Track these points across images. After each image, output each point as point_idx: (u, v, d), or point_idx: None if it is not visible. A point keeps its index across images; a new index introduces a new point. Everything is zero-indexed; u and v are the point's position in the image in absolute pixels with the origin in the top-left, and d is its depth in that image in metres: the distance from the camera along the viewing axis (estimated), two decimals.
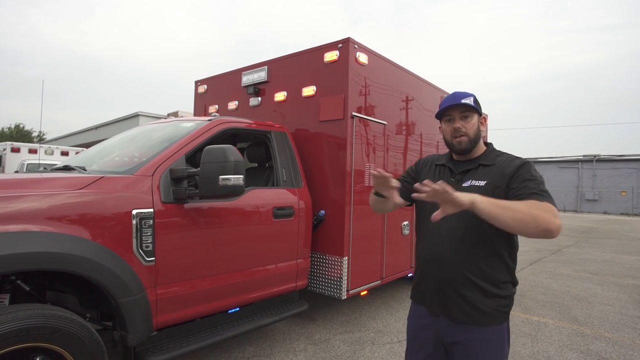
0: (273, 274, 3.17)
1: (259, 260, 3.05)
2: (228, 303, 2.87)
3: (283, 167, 3.41)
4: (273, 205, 3.16)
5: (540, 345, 3.62)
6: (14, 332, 1.78)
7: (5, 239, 1.83)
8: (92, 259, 2.05)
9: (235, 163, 2.41)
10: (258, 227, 3.06)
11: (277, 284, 3.24)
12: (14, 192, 2.02)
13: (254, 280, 3.01)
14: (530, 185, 1.51)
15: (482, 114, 1.76)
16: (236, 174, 2.41)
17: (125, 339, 2.26)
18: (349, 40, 3.58)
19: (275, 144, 3.43)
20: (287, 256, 3.30)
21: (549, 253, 9.23)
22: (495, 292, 1.57)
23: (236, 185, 2.41)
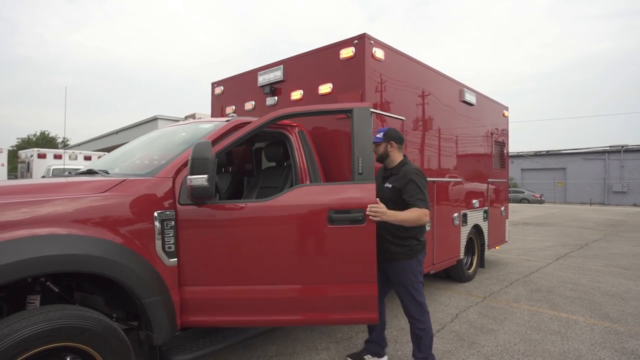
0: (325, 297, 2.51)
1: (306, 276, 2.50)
2: (263, 320, 2.52)
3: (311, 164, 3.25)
4: (328, 207, 2.49)
5: (571, 343, 3.50)
6: (45, 332, 1.83)
7: (35, 242, 1.88)
8: (117, 260, 2.08)
9: (202, 162, 2.17)
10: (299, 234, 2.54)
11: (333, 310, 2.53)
12: (41, 196, 2.07)
13: (302, 299, 2.50)
14: (413, 196, 2.73)
15: (391, 141, 2.96)
16: (202, 174, 2.16)
17: (150, 338, 2.29)
18: (365, 35, 3.53)
19: (294, 142, 3.40)
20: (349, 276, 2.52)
21: (576, 247, 8.95)
22: (401, 243, 2.83)
23: (197, 187, 2.17)
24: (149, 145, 3.38)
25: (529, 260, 7.41)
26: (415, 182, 2.75)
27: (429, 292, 5.07)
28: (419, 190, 2.73)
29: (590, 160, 33.10)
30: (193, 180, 2.18)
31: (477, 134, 5.88)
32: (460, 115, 5.33)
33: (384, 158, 2.99)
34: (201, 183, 2.17)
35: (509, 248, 8.56)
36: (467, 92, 5.44)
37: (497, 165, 6.56)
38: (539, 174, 36.22)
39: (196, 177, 2.17)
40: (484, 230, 5.99)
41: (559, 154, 35.94)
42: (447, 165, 5.00)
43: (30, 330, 1.79)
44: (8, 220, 1.87)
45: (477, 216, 5.78)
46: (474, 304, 4.60)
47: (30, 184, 2.33)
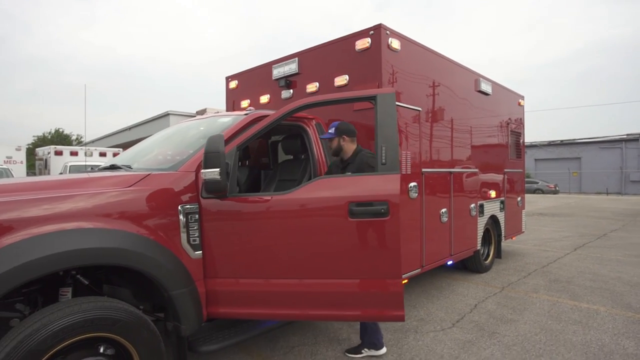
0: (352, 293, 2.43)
1: (327, 271, 2.44)
2: (288, 314, 2.50)
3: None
4: (349, 199, 2.38)
5: (593, 333, 3.47)
6: (80, 323, 1.88)
7: (66, 237, 1.93)
8: (145, 253, 2.13)
9: (207, 155, 2.17)
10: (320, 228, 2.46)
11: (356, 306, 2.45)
12: (70, 191, 2.11)
13: (325, 294, 2.44)
14: None
15: (343, 135, 3.08)
16: (214, 167, 2.16)
17: (178, 329, 2.34)
18: (381, 26, 3.51)
19: (312, 135, 3.41)
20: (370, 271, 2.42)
21: (594, 238, 8.83)
22: None
23: (208, 181, 2.19)
24: (168, 140, 3.42)
25: (546, 250, 7.33)
26: (372, 165, 2.83)
27: (447, 282, 5.07)
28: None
29: (607, 149, 32.45)
30: (206, 174, 2.18)
31: (493, 124, 5.81)
32: (476, 105, 5.27)
33: (339, 152, 3.11)
34: (213, 177, 2.17)
35: (525, 239, 8.48)
36: (483, 81, 5.38)
37: (513, 155, 6.49)
38: (553, 164, 35.66)
39: (209, 170, 2.16)
40: (500, 221, 5.95)
41: (573, 143, 35.29)
42: (463, 156, 4.96)
43: (67, 321, 1.85)
44: (41, 215, 1.93)
45: (494, 207, 5.74)
46: (492, 295, 4.58)
47: (58, 179, 2.39)
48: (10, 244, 1.79)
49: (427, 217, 4.12)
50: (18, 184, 2.18)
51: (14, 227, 1.84)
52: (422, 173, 4.06)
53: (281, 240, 2.46)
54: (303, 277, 2.45)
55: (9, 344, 1.73)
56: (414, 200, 3.91)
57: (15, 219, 1.86)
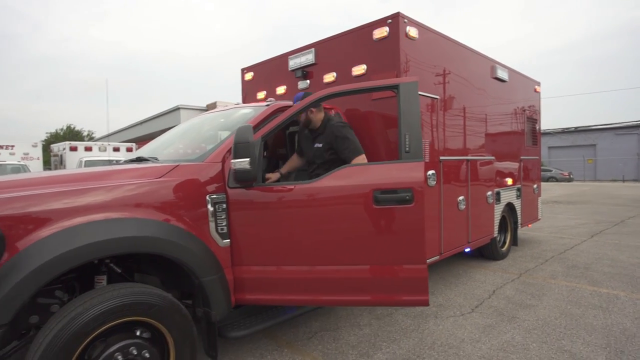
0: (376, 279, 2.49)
1: (352, 257, 2.50)
2: (314, 300, 2.60)
3: None
4: (374, 187, 2.44)
5: (614, 317, 3.49)
6: (118, 307, 1.97)
7: (102, 226, 2.01)
8: (178, 242, 2.21)
9: (237, 145, 2.24)
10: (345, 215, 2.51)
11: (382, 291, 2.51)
12: (105, 183, 2.19)
13: (349, 280, 2.50)
14: (346, 148, 2.93)
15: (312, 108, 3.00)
16: (244, 157, 2.23)
17: (208, 315, 2.42)
18: (399, 15, 3.51)
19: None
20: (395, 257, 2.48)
21: (611, 225, 8.74)
22: None
23: (238, 170, 2.26)
24: (191, 132, 3.49)
25: (562, 238, 7.30)
26: (344, 136, 2.95)
27: (463, 270, 5.10)
28: (348, 141, 2.94)
29: (623, 136, 31.84)
30: (236, 164, 2.24)
31: (509, 111, 5.77)
32: (492, 92, 5.24)
33: (308, 124, 3.15)
34: (244, 166, 2.24)
35: (541, 226, 8.43)
36: (499, 68, 5.33)
37: (529, 142, 6.44)
38: (567, 152, 35.12)
39: (239, 160, 2.23)
40: (517, 208, 5.94)
41: (588, 130, 34.68)
42: (479, 144, 4.95)
43: (106, 306, 1.93)
44: (81, 205, 2.01)
45: (510, 194, 5.72)
46: (509, 281, 4.60)
47: (91, 172, 2.47)
48: (54, 232, 1.87)
49: (445, 204, 4.14)
50: (55, 177, 2.26)
51: (56, 217, 1.93)
52: (440, 161, 4.07)
53: (306, 228, 2.52)
54: (328, 264, 2.52)
55: (56, 326, 1.82)
56: (432, 188, 3.93)
57: (57, 210, 1.95)
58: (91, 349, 1.94)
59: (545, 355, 2.83)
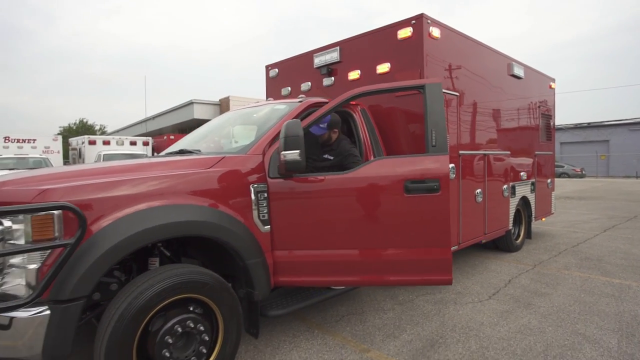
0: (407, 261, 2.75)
1: (384, 241, 2.75)
2: (352, 280, 2.83)
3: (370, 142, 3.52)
4: (404, 177, 2.70)
5: (626, 305, 3.66)
6: (177, 285, 2.20)
7: (164, 211, 2.25)
8: (228, 227, 2.44)
9: (287, 139, 2.45)
10: (378, 203, 2.79)
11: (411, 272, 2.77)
12: (162, 172, 2.42)
13: (380, 262, 2.77)
14: (353, 160, 3.18)
15: (334, 129, 3.40)
16: (290, 150, 2.44)
17: (251, 295, 2.65)
18: (423, 16, 3.68)
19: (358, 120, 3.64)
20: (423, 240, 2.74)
21: (624, 220, 8.83)
22: None
23: (289, 161, 2.45)
24: (226, 126, 3.72)
25: (575, 232, 7.43)
26: (352, 153, 3.29)
27: (479, 260, 5.29)
28: (354, 157, 3.26)
29: (637, 131, 31.47)
30: (287, 155, 2.45)
31: (525, 107, 5.91)
32: (509, 89, 5.38)
33: (328, 141, 3.46)
34: (294, 157, 2.44)
35: (554, 221, 8.56)
36: (516, 65, 5.47)
37: (543, 138, 6.57)
38: (579, 147, 34.81)
39: (290, 152, 2.44)
40: (531, 202, 6.09)
41: (601, 125, 34.31)
42: (496, 139, 5.11)
43: (167, 283, 2.17)
44: (143, 192, 2.24)
45: (525, 188, 5.88)
46: (524, 271, 4.78)
47: (144, 162, 2.70)
48: (125, 215, 2.11)
49: (463, 197, 4.33)
50: (117, 167, 2.49)
51: (125, 202, 2.16)
52: (459, 155, 4.25)
53: (342, 215, 2.76)
54: (362, 248, 2.76)
55: (125, 300, 2.06)
56: (451, 182, 4.12)
57: (126, 196, 2.18)
58: (153, 322, 2.18)
59: (560, 337, 3.02)
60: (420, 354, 2.83)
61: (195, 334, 2.29)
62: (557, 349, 2.85)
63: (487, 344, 2.95)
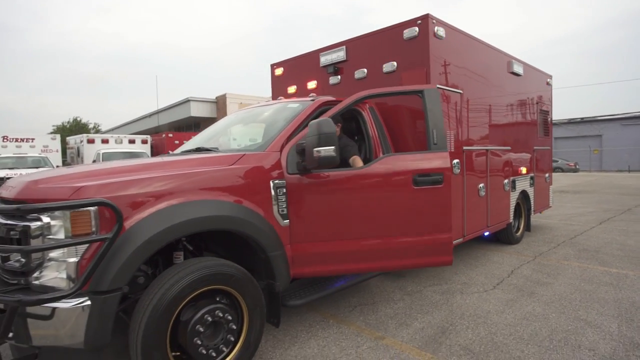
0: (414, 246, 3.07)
1: (395, 229, 3.03)
2: (363, 267, 3.07)
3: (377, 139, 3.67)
4: (413, 172, 3.01)
5: (624, 292, 3.83)
6: (206, 277, 2.32)
7: (193, 206, 2.36)
8: (252, 221, 2.56)
9: (322, 135, 2.58)
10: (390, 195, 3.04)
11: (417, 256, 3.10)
12: (188, 169, 2.53)
13: (390, 249, 3.04)
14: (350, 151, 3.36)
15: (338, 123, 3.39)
16: (325, 146, 2.58)
17: (272, 286, 2.77)
18: (428, 16, 3.81)
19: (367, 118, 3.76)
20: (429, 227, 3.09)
21: (618, 212, 9.05)
22: None
23: (325, 157, 2.58)
24: (239, 124, 3.83)
25: (572, 224, 7.62)
26: (350, 144, 3.51)
27: (482, 253, 5.45)
28: (352, 147, 3.47)
29: (629, 126, 31.91)
30: (322, 151, 2.58)
31: (524, 103, 6.06)
32: (509, 86, 5.53)
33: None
34: (329, 154, 2.58)
35: (551, 214, 8.75)
36: (515, 63, 5.61)
37: (541, 133, 6.74)
38: (572, 142, 35.21)
39: (326, 148, 2.57)
40: (530, 196, 6.27)
41: (594, 120, 34.74)
42: (497, 135, 5.26)
43: (197, 275, 2.28)
44: (173, 189, 2.35)
45: (525, 182, 6.04)
46: (525, 262, 4.95)
47: (167, 160, 2.80)
48: (157, 210, 2.22)
49: (467, 191, 4.48)
50: (144, 164, 2.60)
51: (156, 198, 2.27)
52: (464, 151, 4.39)
53: (357, 207, 2.95)
54: (375, 237, 3.00)
55: (158, 291, 2.17)
56: (456, 176, 4.26)
57: (157, 192, 2.28)
58: (184, 312, 2.29)
59: (564, 323, 3.18)
60: (432, 340, 2.97)
61: (223, 323, 2.41)
62: (561, 333, 3.01)
63: (495, 330, 3.10)
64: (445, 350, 2.82)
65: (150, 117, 32.51)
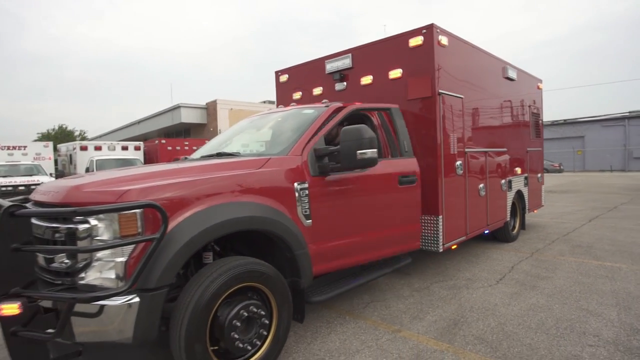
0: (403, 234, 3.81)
1: (387, 221, 3.64)
2: (365, 259, 3.48)
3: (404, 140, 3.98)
4: (398, 173, 3.73)
5: (619, 284, 4.08)
6: (241, 275, 2.45)
7: (228, 208, 2.50)
8: (281, 222, 2.71)
9: (369, 139, 2.92)
10: (385, 193, 3.63)
11: (404, 242, 3.85)
12: (220, 173, 2.67)
13: (388, 239, 3.64)
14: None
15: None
16: (371, 148, 2.94)
17: (297, 283, 2.92)
18: (433, 25, 4.03)
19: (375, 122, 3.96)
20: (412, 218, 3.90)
21: (606, 210, 9.43)
22: None
23: (372, 158, 2.96)
24: (259, 128, 4.02)
25: (563, 222, 7.93)
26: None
27: (481, 250, 5.67)
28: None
29: (610, 127, 32.90)
30: (368, 153, 2.91)
31: (518, 106, 6.34)
32: (504, 90, 5.80)
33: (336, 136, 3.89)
34: (372, 155, 2.94)
35: (542, 213, 9.07)
36: (510, 68, 5.89)
37: (533, 135, 7.04)
38: (556, 144, 36.07)
39: (371, 150, 2.92)
40: (524, 195, 6.54)
41: (576, 122, 35.70)
42: (494, 137, 5.51)
43: (232, 272, 2.41)
44: (209, 191, 2.49)
45: (519, 182, 6.31)
46: (524, 259, 5.18)
47: (204, 164, 2.86)
48: (198, 211, 2.36)
49: (469, 191, 4.69)
50: (179, 169, 2.71)
51: (195, 200, 2.40)
52: (466, 153, 4.61)
53: (363, 204, 3.40)
54: (376, 229, 3.54)
55: (198, 289, 2.30)
56: (460, 177, 4.48)
57: (195, 194, 2.42)
58: (220, 309, 2.42)
59: (567, 313, 3.40)
60: (446, 331, 3.15)
61: (256, 318, 2.54)
62: (566, 322, 3.22)
63: (504, 320, 3.30)
64: (460, 340, 3.00)
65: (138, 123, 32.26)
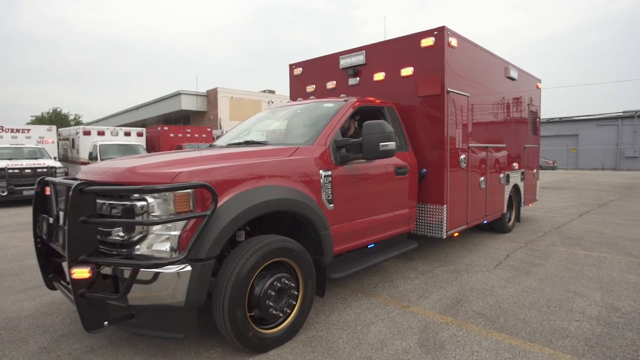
0: (398, 218, 4.22)
1: (390, 206, 4.07)
2: (371, 240, 3.85)
3: (397, 135, 4.24)
4: (395, 165, 4.12)
5: (604, 271, 4.47)
6: (274, 250, 2.77)
7: (266, 191, 2.81)
8: (309, 204, 3.03)
9: (390, 133, 3.33)
10: (387, 181, 4.03)
11: (399, 225, 4.27)
12: (257, 159, 2.97)
13: (387, 222, 4.04)
14: None
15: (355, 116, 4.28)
16: (391, 141, 3.34)
17: (320, 261, 3.25)
18: (444, 28, 4.33)
19: (389, 115, 4.28)
20: (405, 204, 4.29)
21: (595, 206, 9.87)
22: None
23: (392, 149, 3.39)
24: (284, 119, 4.33)
25: (555, 216, 8.35)
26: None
27: (479, 240, 6.05)
28: None
29: (604, 127, 33.45)
30: (389, 145, 3.32)
31: (518, 105, 6.69)
32: (506, 89, 6.13)
33: (348, 130, 4.30)
34: (392, 147, 3.37)
35: (535, 208, 9.49)
36: (511, 68, 6.21)
37: (531, 132, 7.39)
38: (551, 141, 36.61)
39: (390, 143, 3.34)
40: (521, 189, 6.92)
41: (571, 120, 36.22)
42: (495, 133, 5.85)
43: (267, 248, 2.73)
44: (248, 175, 2.79)
45: (516, 177, 6.68)
46: (519, 248, 5.57)
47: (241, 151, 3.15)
48: (242, 192, 2.67)
49: (471, 183, 5.04)
50: (222, 154, 3.00)
51: (238, 182, 2.71)
52: (469, 147, 4.95)
53: (372, 191, 3.79)
54: (382, 213, 3.96)
55: (239, 262, 2.61)
56: (463, 170, 4.82)
57: (238, 177, 2.73)
58: (257, 280, 2.74)
59: (557, 294, 3.78)
60: (450, 307, 3.52)
61: (287, 289, 2.87)
62: (556, 301, 3.60)
63: (501, 299, 3.67)
64: (462, 315, 3.37)
65: (137, 109, 32.23)
